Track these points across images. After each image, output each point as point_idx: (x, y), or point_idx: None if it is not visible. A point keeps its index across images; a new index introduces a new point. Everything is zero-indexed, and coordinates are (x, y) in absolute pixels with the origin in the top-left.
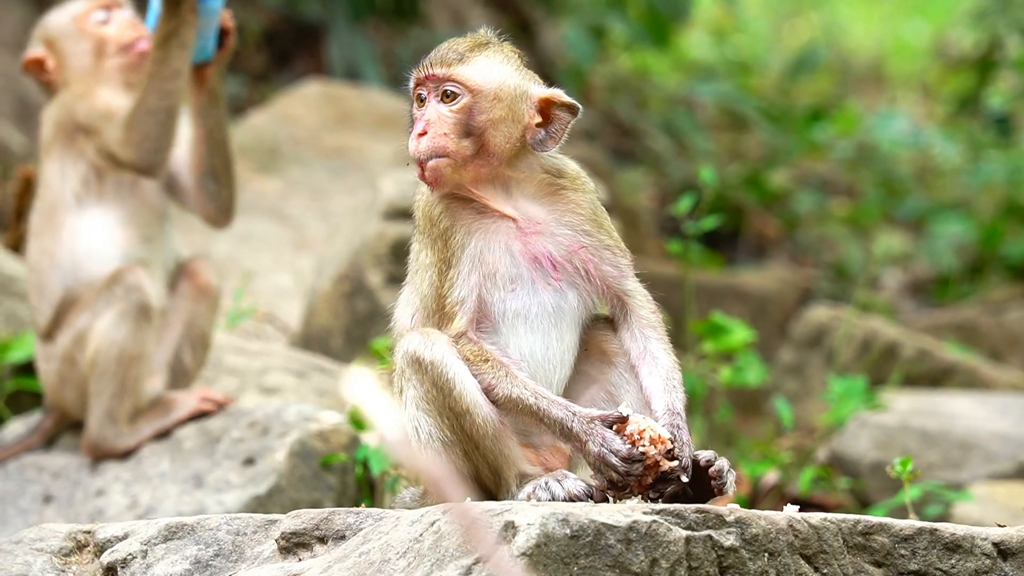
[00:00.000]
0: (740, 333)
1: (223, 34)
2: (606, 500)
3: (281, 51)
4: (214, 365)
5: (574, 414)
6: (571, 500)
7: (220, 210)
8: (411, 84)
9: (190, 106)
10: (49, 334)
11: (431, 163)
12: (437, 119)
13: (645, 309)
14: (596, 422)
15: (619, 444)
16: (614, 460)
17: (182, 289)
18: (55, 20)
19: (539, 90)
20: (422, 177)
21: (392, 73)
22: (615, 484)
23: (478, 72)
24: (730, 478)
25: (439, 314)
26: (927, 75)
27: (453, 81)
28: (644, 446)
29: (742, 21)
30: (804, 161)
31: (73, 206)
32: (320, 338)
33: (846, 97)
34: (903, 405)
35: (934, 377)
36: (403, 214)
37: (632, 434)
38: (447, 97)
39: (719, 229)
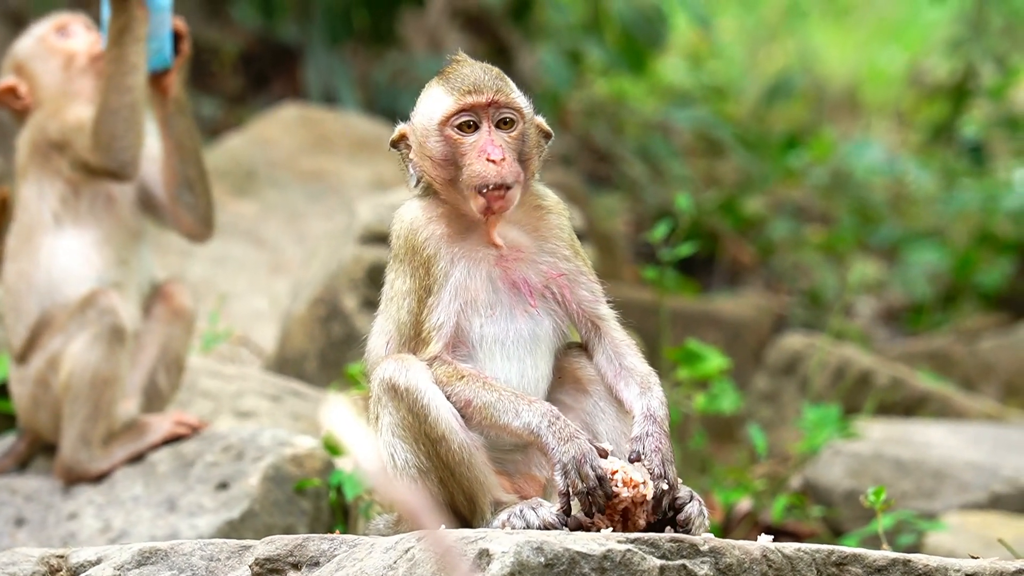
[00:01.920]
0: (715, 360)
1: (178, 39)
2: (580, 528)
3: (258, 74)
4: (189, 388)
5: (561, 416)
6: (545, 528)
7: (199, 222)
8: (453, 108)
9: (156, 119)
10: (23, 357)
11: (512, 191)
12: (504, 145)
13: (619, 331)
14: (582, 433)
15: (600, 461)
16: (588, 470)
17: (157, 312)
18: (21, 45)
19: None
20: (491, 205)
21: (369, 97)
22: (580, 499)
23: (521, 98)
24: (699, 521)
25: (415, 340)
26: (902, 103)
27: (511, 108)
28: (617, 487)
29: (718, 47)
30: (779, 188)
31: (51, 226)
32: (295, 362)
33: (821, 124)
34: (877, 434)
35: (908, 406)
36: (380, 238)
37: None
38: (504, 124)
39: (694, 255)
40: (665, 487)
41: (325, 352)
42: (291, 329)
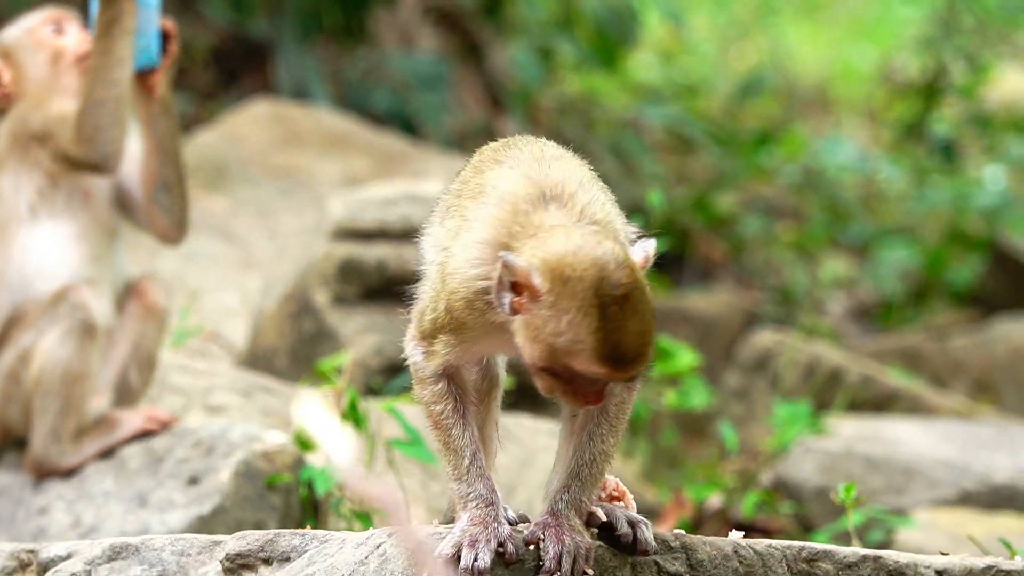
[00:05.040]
0: (686, 357)
1: (166, 40)
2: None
3: (229, 69)
4: (159, 384)
5: (492, 494)
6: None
7: (173, 224)
8: (599, 371)
9: (139, 118)
10: None
11: None
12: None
13: None
14: (503, 519)
15: (507, 547)
16: (481, 551)
17: (130, 308)
18: (10, 34)
19: None
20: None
21: (340, 93)
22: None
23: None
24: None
25: (428, 338)
26: (873, 100)
27: None
28: None
29: (690, 44)
30: (751, 185)
31: (27, 219)
32: (266, 358)
33: (792, 121)
34: (847, 430)
35: (878, 403)
36: (351, 234)
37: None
38: None
39: (665, 252)
40: None
41: (296, 348)
42: (262, 325)
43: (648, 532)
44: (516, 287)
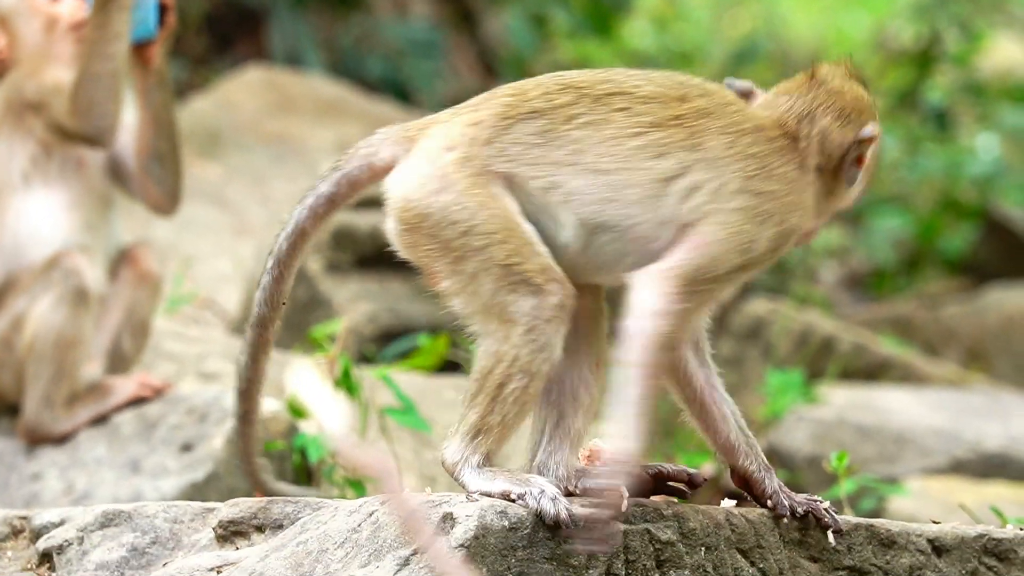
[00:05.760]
0: None
1: (163, 12)
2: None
3: (222, 36)
4: (153, 350)
5: None
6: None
7: (166, 195)
8: None
9: (135, 89)
10: None
11: None
12: None
13: None
14: None
15: None
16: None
17: (123, 275)
18: (4, 0)
19: None
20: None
21: (334, 60)
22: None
23: None
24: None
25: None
26: (867, 68)
27: None
28: None
29: (684, 11)
30: None
31: (20, 186)
32: None
33: None
34: (839, 399)
35: (870, 371)
36: None
37: None
38: None
39: None
40: None
41: (288, 315)
42: (255, 291)
43: None
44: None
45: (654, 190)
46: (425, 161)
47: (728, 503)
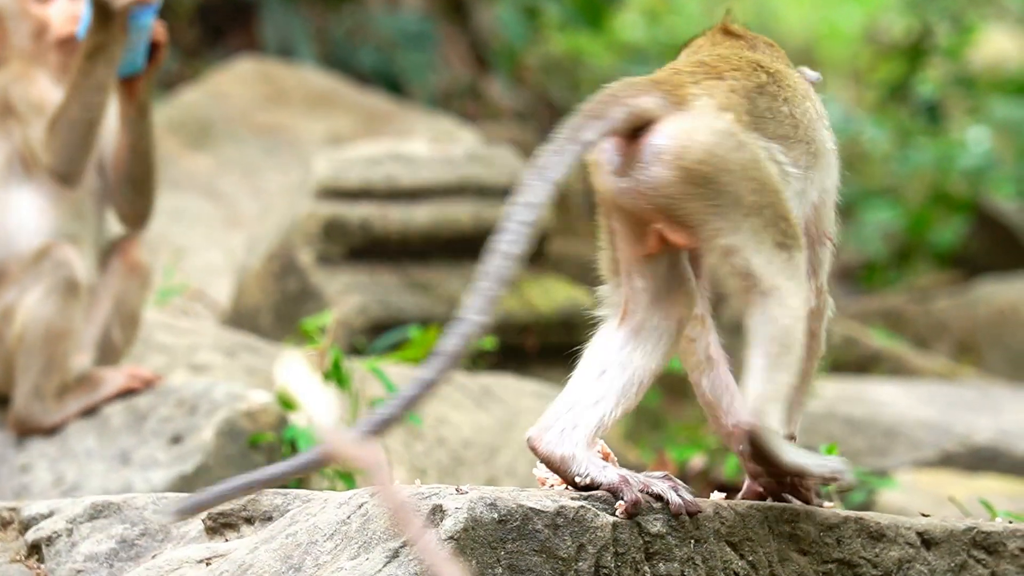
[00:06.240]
0: None
1: (154, 47)
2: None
3: (214, 27)
4: (143, 342)
5: None
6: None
7: (135, 215)
8: None
9: (118, 114)
10: None
11: None
12: None
13: None
14: None
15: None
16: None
17: (113, 266)
18: None
19: None
20: None
21: (326, 51)
22: None
23: None
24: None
25: None
26: (858, 61)
27: None
28: None
29: (676, 3)
30: None
31: (7, 177)
32: (249, 316)
33: None
34: (830, 392)
35: (861, 364)
36: (335, 194)
37: None
38: None
39: None
40: None
41: (280, 307)
42: (246, 284)
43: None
44: None
45: (832, 158)
46: (714, 118)
47: (718, 495)
